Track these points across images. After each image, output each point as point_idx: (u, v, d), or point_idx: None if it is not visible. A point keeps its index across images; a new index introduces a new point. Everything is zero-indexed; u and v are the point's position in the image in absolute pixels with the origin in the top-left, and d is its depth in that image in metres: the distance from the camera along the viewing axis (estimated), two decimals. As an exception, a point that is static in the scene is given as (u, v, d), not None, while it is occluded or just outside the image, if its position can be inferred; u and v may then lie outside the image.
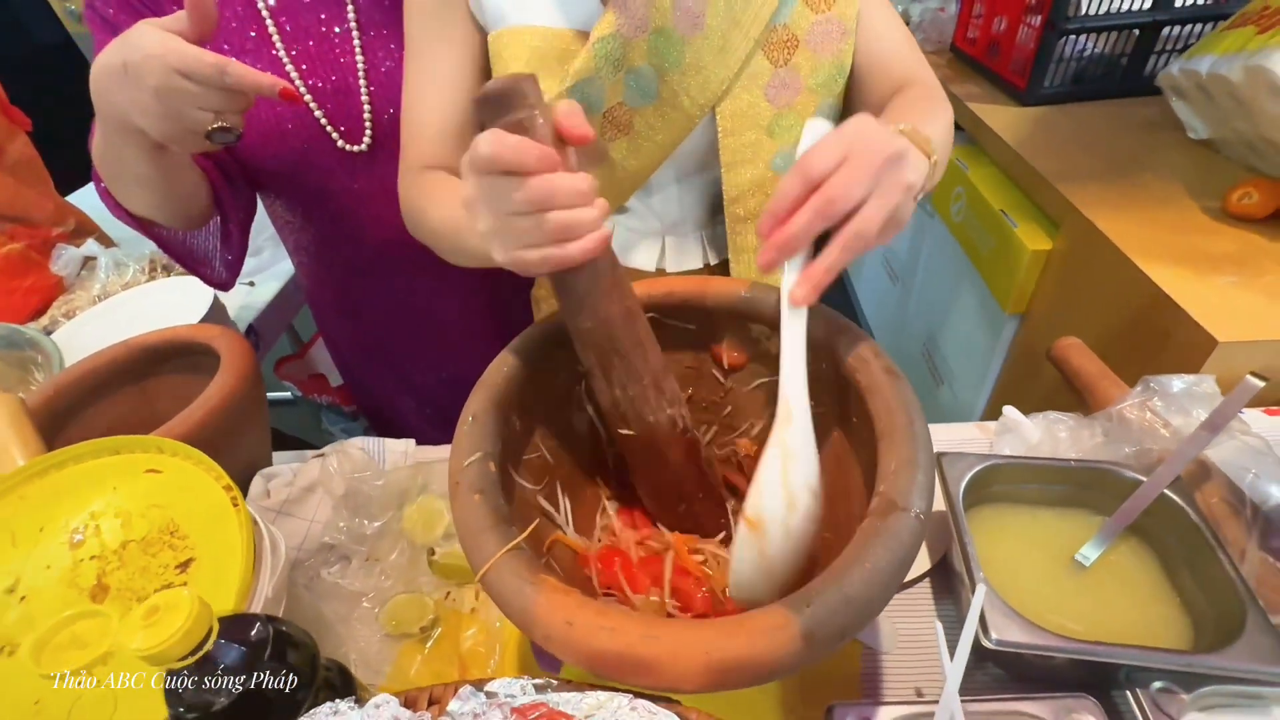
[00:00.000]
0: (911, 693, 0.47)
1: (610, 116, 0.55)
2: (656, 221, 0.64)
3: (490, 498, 0.33)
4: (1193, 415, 0.55)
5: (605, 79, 0.52)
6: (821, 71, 0.55)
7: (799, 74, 0.55)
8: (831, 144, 0.37)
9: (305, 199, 0.72)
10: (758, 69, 0.54)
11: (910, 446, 0.32)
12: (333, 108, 0.65)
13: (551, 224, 0.33)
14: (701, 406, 0.50)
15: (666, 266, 0.66)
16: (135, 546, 0.41)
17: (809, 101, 0.56)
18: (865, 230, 0.36)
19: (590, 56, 0.51)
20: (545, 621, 0.28)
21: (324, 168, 0.68)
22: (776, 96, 0.55)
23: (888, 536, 0.28)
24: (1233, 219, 0.80)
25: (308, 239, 0.78)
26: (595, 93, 0.53)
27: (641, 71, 0.53)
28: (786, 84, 0.55)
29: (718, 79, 0.53)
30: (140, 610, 0.28)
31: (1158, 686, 0.41)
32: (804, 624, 0.26)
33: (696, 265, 0.66)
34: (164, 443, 0.45)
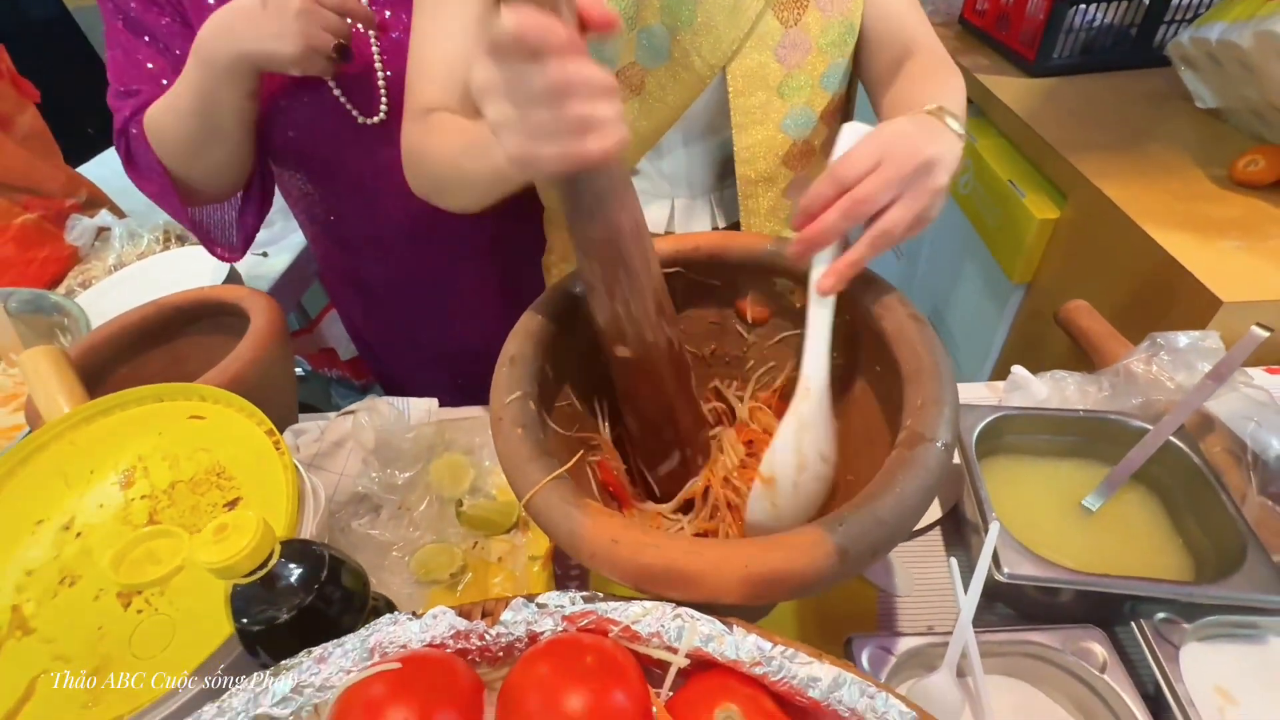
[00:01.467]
0: (924, 629, 0.49)
1: (623, 76, 0.56)
2: (666, 184, 0.65)
3: (532, 431, 0.35)
4: (1198, 369, 0.56)
5: (619, 36, 0.53)
6: (831, 31, 0.56)
7: (809, 34, 0.56)
8: (866, 150, 0.39)
9: (320, 171, 0.73)
10: (768, 29, 0.55)
11: (936, 384, 0.33)
12: (347, 80, 0.66)
13: (572, 115, 0.30)
14: (724, 361, 0.52)
15: (675, 229, 0.67)
16: (184, 486, 0.43)
17: (819, 61, 0.57)
18: (892, 230, 0.39)
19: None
20: (592, 540, 0.29)
21: (340, 140, 0.68)
22: (787, 57, 0.56)
23: (916, 464, 0.30)
24: (1238, 186, 0.81)
25: (322, 211, 0.78)
26: (609, 51, 0.54)
27: (654, 30, 0.53)
28: (796, 44, 0.56)
29: (729, 39, 0.54)
30: (210, 528, 0.30)
31: (1160, 617, 0.43)
32: (838, 540, 0.28)
33: (705, 228, 0.67)
34: (205, 390, 0.47)
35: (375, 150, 0.69)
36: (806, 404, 0.41)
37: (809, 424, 0.41)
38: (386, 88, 0.66)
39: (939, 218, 0.88)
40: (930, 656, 0.43)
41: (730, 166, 0.61)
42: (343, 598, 0.34)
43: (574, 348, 0.46)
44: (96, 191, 1.17)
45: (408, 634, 0.29)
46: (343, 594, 0.34)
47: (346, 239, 0.80)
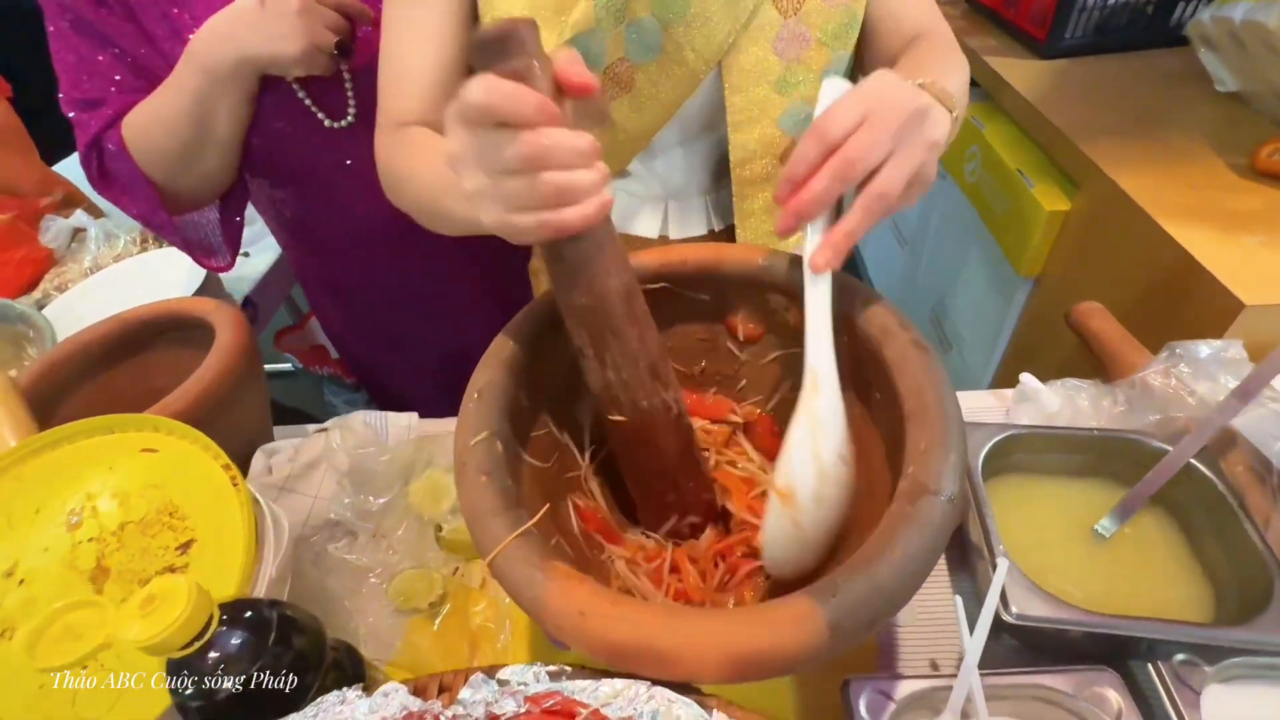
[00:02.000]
0: (926, 665, 0.47)
1: (611, 73, 0.52)
2: (659, 186, 0.62)
3: (498, 479, 0.32)
4: (1220, 382, 0.53)
5: (606, 31, 0.49)
6: (833, 22, 0.52)
7: (809, 25, 0.52)
8: (850, 103, 0.35)
9: (288, 177, 0.70)
10: (765, 20, 0.51)
11: (941, 426, 0.30)
12: (312, 83, 0.62)
13: (548, 185, 0.29)
14: (715, 380, 0.49)
15: (670, 234, 0.64)
16: (134, 528, 0.40)
17: (819, 55, 0.53)
18: (888, 190, 0.35)
19: (590, 6, 0.47)
20: (557, 611, 0.27)
21: (307, 145, 0.66)
22: (785, 50, 0.52)
23: (918, 522, 0.27)
24: (1261, 176, 0.77)
25: (292, 217, 0.76)
26: (596, 46, 0.50)
27: (644, 23, 0.50)
28: (796, 36, 0.52)
29: (724, 31, 0.50)
30: (136, 599, 0.27)
31: (1180, 659, 0.40)
32: (830, 615, 0.25)
33: (700, 232, 0.63)
34: (160, 421, 0.44)
35: (345, 154, 0.66)
36: (818, 398, 0.36)
37: (823, 421, 0.36)
38: (354, 89, 0.63)
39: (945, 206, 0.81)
40: (934, 700, 0.40)
41: (726, 166, 0.57)
42: (295, 660, 0.32)
43: (554, 371, 0.43)
44: (73, 190, 1.14)
45: (356, 715, 0.27)
46: (295, 656, 0.32)
47: (320, 245, 0.77)
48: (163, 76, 0.59)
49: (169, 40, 0.60)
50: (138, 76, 0.61)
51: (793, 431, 0.36)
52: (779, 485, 0.36)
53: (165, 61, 0.60)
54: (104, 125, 0.60)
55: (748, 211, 0.59)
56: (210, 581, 0.39)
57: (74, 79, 0.60)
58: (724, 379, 0.49)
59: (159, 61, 0.61)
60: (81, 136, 0.61)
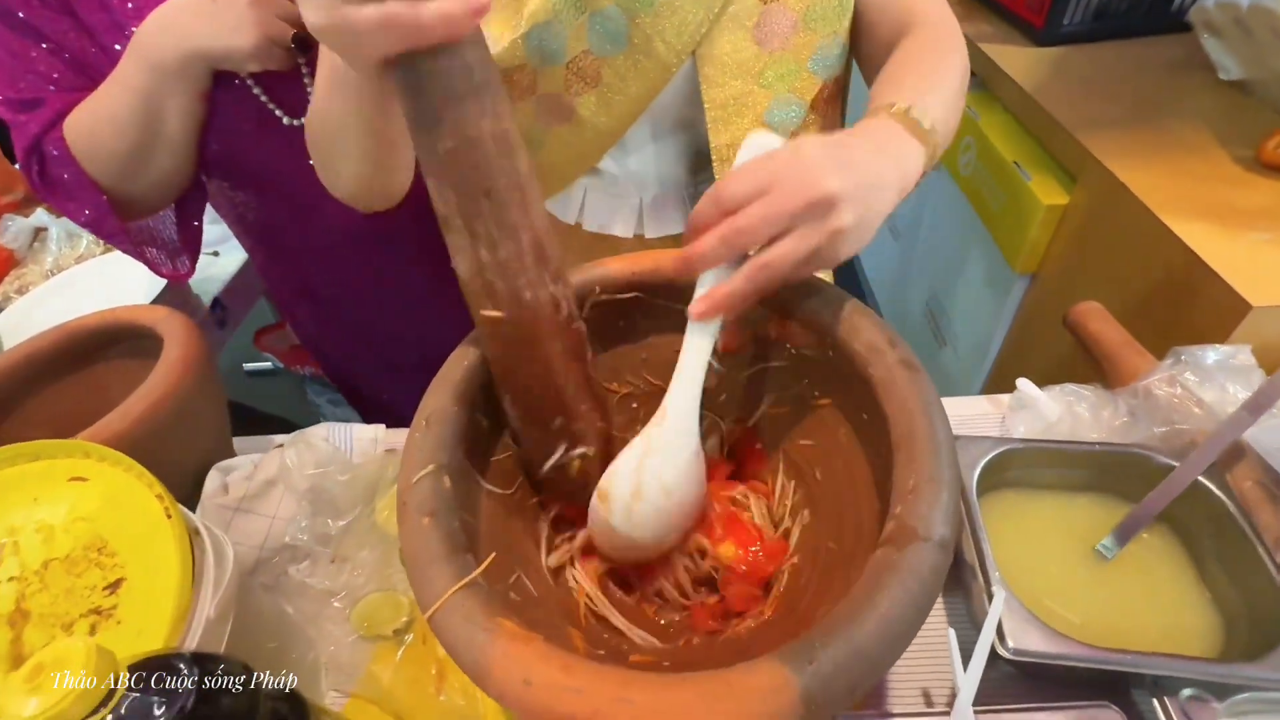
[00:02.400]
0: (918, 695, 0.44)
1: (575, 67, 0.48)
2: (633, 184, 0.58)
3: (443, 521, 0.29)
4: (1228, 391, 0.50)
5: (566, 22, 0.46)
6: (820, 4, 0.48)
7: (792, 9, 0.48)
8: (754, 171, 0.33)
9: (249, 179, 0.67)
10: (743, 6, 0.47)
11: (933, 460, 0.27)
12: (269, 79, 0.58)
13: None
14: (691, 394, 0.46)
15: (645, 233, 0.60)
16: (59, 565, 0.37)
17: (806, 42, 0.49)
18: (775, 264, 0.33)
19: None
20: (500, 678, 0.24)
21: (266, 145, 0.62)
22: (767, 38, 0.48)
23: (905, 573, 0.24)
24: (1267, 169, 0.74)
25: (255, 221, 0.72)
26: (555, 40, 0.47)
27: (607, 13, 0.46)
28: (778, 21, 0.48)
29: (696, 19, 0.46)
30: (23, 671, 0.24)
31: (1188, 694, 0.38)
32: (805, 684, 0.22)
33: (679, 230, 0.60)
34: (90, 447, 0.41)
35: (306, 152, 0.62)
36: (658, 429, 0.37)
37: (656, 450, 0.37)
38: (313, 85, 0.59)
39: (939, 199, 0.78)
40: (924, 740, 0.38)
41: (706, 159, 0.53)
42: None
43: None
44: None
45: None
46: (222, 717, 0.29)
47: (286, 249, 0.73)
48: (105, 73, 0.55)
49: (109, 32, 0.55)
50: (78, 73, 0.57)
51: (626, 448, 0.37)
52: (600, 484, 0.37)
53: (106, 56, 0.56)
54: (44, 127, 0.56)
55: None
56: (140, 625, 0.36)
57: (7, 77, 0.56)
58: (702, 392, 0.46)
59: (99, 56, 0.57)
60: (19, 140, 0.56)
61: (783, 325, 0.40)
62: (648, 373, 0.45)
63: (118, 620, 0.35)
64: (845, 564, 0.33)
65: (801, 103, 0.52)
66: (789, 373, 0.42)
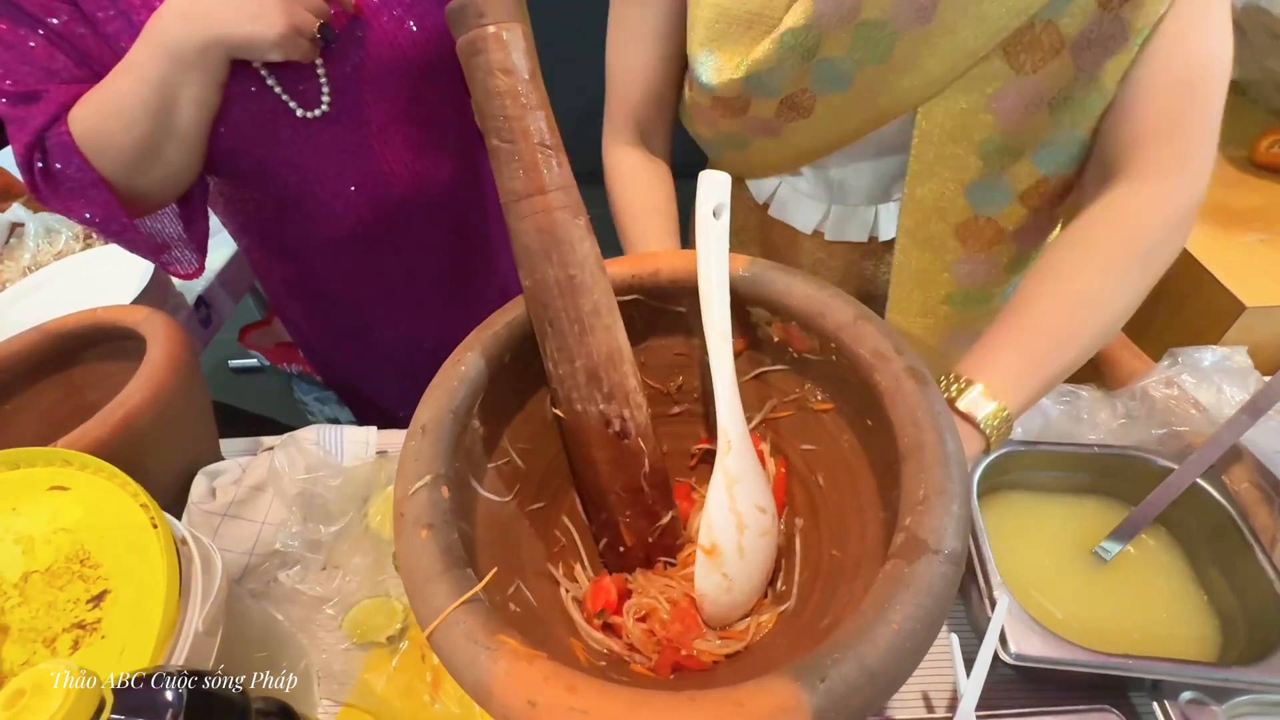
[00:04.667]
0: (918, 699, 0.44)
1: (790, 101, 0.47)
2: (825, 190, 0.58)
3: (441, 534, 0.28)
4: (1224, 393, 0.51)
5: (790, 69, 0.44)
6: (1076, 91, 0.41)
7: (1048, 86, 0.41)
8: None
9: (254, 172, 0.64)
10: (990, 72, 0.42)
11: (943, 471, 0.26)
12: (284, 70, 0.56)
13: None
14: (693, 397, 0.45)
15: (826, 234, 0.60)
16: (39, 578, 0.36)
17: (1041, 127, 0.43)
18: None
19: (775, 47, 0.43)
20: (504, 699, 0.23)
21: (277, 138, 0.60)
22: (1003, 110, 0.43)
23: (916, 588, 0.24)
24: (1260, 170, 0.74)
25: (255, 215, 0.70)
26: (775, 82, 0.46)
27: (835, 61, 0.44)
28: (1024, 95, 0.42)
29: (933, 79, 0.43)
30: (2, 696, 0.23)
31: (1187, 697, 0.38)
32: (816, 704, 0.21)
33: (859, 239, 0.59)
34: (71, 455, 0.39)
35: (316, 146, 0.61)
36: (731, 458, 0.37)
37: (738, 477, 0.37)
38: (328, 76, 0.57)
39: None
40: (927, 746, 0.38)
41: (901, 183, 0.51)
42: (211, 743, 0.28)
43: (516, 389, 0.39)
44: (12, 181, 1.06)
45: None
46: (210, 738, 0.28)
47: (285, 244, 0.71)
48: (108, 64, 0.53)
49: (113, 20, 0.53)
50: (79, 65, 0.54)
51: (711, 491, 0.36)
52: (703, 543, 0.36)
53: (109, 46, 0.54)
54: (47, 120, 0.53)
55: (902, 267, 0.55)
56: (125, 639, 0.35)
57: (3, 69, 0.53)
58: (702, 396, 0.45)
59: (101, 46, 0.54)
60: (19, 136, 0.53)
61: (785, 329, 0.39)
62: (647, 375, 0.45)
63: (102, 635, 0.34)
64: (850, 573, 0.33)
65: (1011, 190, 0.48)
66: (791, 377, 0.41)
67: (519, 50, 0.29)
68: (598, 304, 0.34)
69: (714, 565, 0.36)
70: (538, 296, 0.35)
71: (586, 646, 0.35)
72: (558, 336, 0.35)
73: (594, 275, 0.34)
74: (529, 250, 0.33)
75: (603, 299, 0.35)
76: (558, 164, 0.33)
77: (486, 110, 0.31)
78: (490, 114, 0.31)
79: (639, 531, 0.39)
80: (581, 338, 0.34)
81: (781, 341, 0.40)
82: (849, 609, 0.27)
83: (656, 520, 0.39)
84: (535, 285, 0.34)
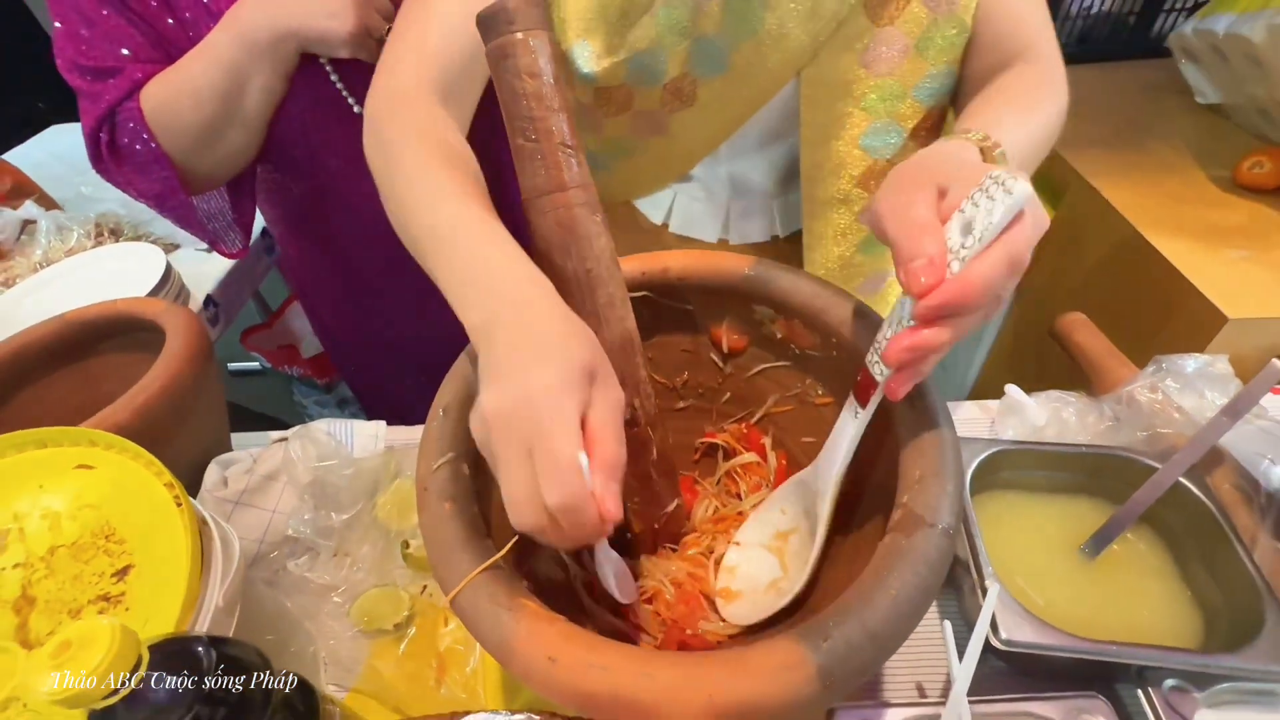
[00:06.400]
0: (913, 688, 0.45)
1: (673, 88, 0.48)
2: (723, 191, 0.59)
3: (463, 506, 0.30)
4: (1206, 398, 0.53)
5: (669, 48, 0.46)
6: (936, 31, 0.46)
7: (906, 34, 0.46)
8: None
9: (305, 163, 0.66)
10: (855, 29, 0.45)
11: (937, 453, 0.28)
12: (346, 66, 0.59)
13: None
14: (698, 393, 0.47)
15: (730, 238, 0.61)
16: (65, 552, 0.37)
17: (915, 68, 0.47)
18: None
19: (653, 25, 0.44)
20: (525, 656, 0.24)
21: (331, 131, 0.62)
22: (874, 61, 0.47)
23: (914, 557, 0.25)
24: (1243, 190, 0.77)
25: (298, 205, 0.72)
26: (656, 64, 0.47)
27: (711, 40, 0.46)
28: (890, 45, 0.46)
29: (800, 46, 0.45)
30: (49, 646, 0.24)
31: (1170, 685, 0.39)
32: (820, 662, 0.23)
33: (763, 238, 0.60)
34: (97, 435, 0.41)
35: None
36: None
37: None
38: None
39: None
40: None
41: (796, 171, 0.53)
42: (236, 705, 0.29)
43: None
44: (24, 179, 1.08)
45: (299, 774, 0.24)
46: (235, 700, 0.29)
47: (325, 232, 0.73)
48: (182, 48, 0.56)
49: (193, 7, 0.56)
50: (155, 46, 0.57)
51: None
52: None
53: (184, 31, 0.57)
54: (121, 95, 0.56)
55: (818, 234, 0.55)
56: (148, 612, 0.36)
57: (81, 44, 0.55)
58: (707, 391, 0.47)
59: (178, 31, 0.57)
60: (90, 109, 0.56)
61: (789, 325, 0.41)
62: (654, 371, 0.46)
63: (126, 607, 0.35)
64: (849, 555, 0.34)
65: (901, 129, 0.51)
66: (793, 373, 0.43)
67: (545, 56, 0.31)
68: (612, 296, 0.36)
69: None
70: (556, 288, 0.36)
71: (596, 627, 0.36)
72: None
73: (609, 269, 0.36)
74: (548, 243, 0.35)
75: (617, 292, 0.36)
76: (577, 164, 0.35)
77: (513, 111, 0.33)
78: (516, 114, 0.33)
79: (646, 518, 0.41)
80: (597, 328, 0.36)
81: (784, 338, 0.42)
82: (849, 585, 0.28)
83: (663, 507, 0.41)
84: (553, 277, 0.36)
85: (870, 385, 0.31)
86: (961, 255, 0.26)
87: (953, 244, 0.26)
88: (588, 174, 0.36)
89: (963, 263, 0.26)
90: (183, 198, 0.59)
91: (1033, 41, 0.47)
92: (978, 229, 0.26)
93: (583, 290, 0.36)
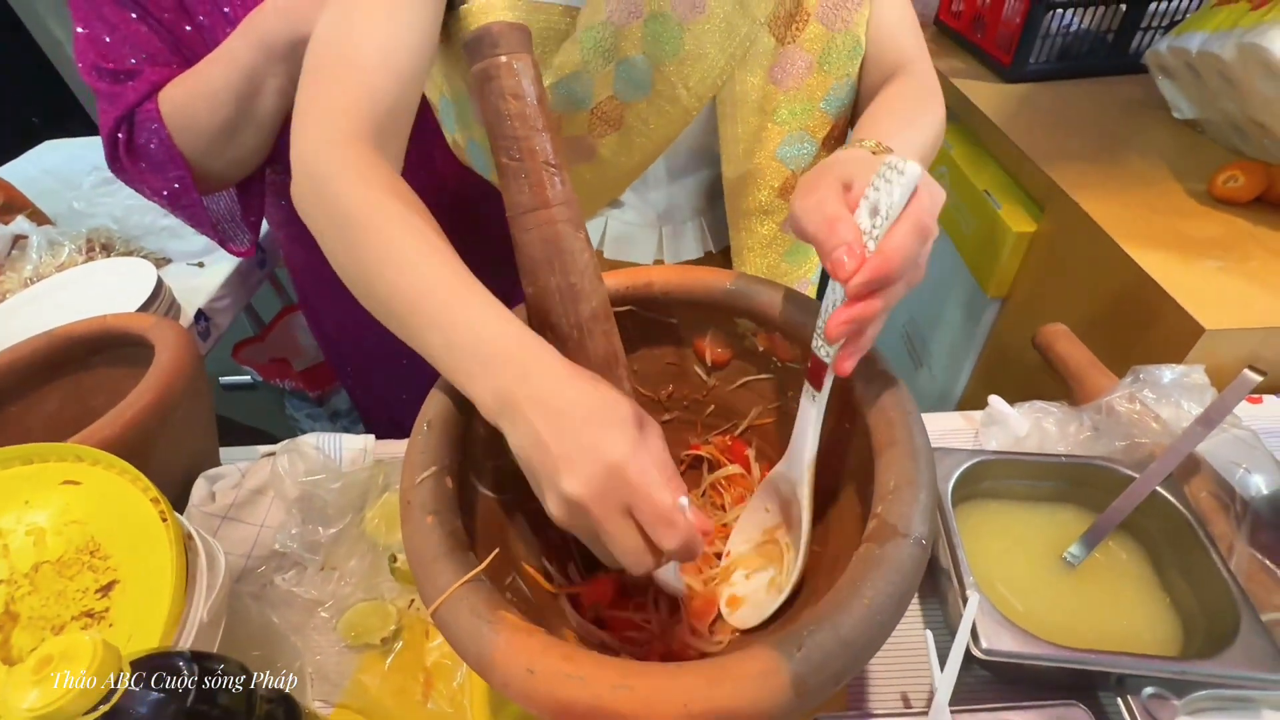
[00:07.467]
0: (897, 698, 0.46)
1: (599, 112, 0.50)
2: (653, 213, 0.60)
3: (446, 520, 0.30)
4: (1183, 408, 0.54)
5: (594, 71, 0.47)
6: (836, 47, 0.50)
7: (808, 51, 0.49)
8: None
9: None
10: (762, 49, 0.49)
11: (911, 463, 0.29)
12: None
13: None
14: (682, 405, 0.47)
15: (665, 258, 0.62)
16: (49, 568, 0.37)
17: (820, 83, 0.51)
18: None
19: (578, 48, 0.46)
20: (504, 668, 0.25)
21: None
22: (782, 78, 0.50)
23: (887, 567, 0.26)
24: (1218, 202, 0.79)
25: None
26: (582, 88, 0.48)
27: (634, 62, 0.48)
28: (794, 63, 0.49)
29: (718, 66, 0.48)
30: (30, 661, 0.24)
31: (1149, 693, 0.40)
32: (794, 669, 0.23)
33: (696, 255, 0.62)
34: (83, 450, 0.41)
35: None
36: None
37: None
38: None
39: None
40: (904, 740, 0.39)
41: (721, 189, 0.55)
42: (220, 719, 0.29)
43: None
44: (16, 194, 1.08)
45: (279, 788, 0.24)
46: (220, 716, 0.29)
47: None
48: (199, 52, 0.57)
49: (211, 14, 0.58)
50: (173, 50, 0.59)
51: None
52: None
53: (201, 36, 0.59)
54: (139, 98, 0.57)
55: (743, 244, 0.57)
56: (132, 627, 0.36)
57: (103, 49, 0.57)
58: (691, 404, 0.48)
59: (194, 36, 0.59)
60: (110, 109, 0.57)
61: (770, 339, 0.42)
62: (638, 383, 0.47)
63: (110, 623, 0.35)
64: (829, 566, 0.35)
65: (814, 140, 0.54)
66: (775, 385, 0.43)
67: (528, 78, 0.32)
68: (596, 310, 0.37)
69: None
70: (540, 303, 0.37)
71: (579, 638, 0.37)
72: (558, 340, 0.37)
73: (593, 283, 0.37)
74: (533, 259, 0.36)
75: (600, 306, 0.37)
76: (560, 181, 0.36)
77: (497, 130, 0.34)
78: (501, 134, 0.34)
79: None
80: (581, 341, 0.36)
81: (766, 351, 0.43)
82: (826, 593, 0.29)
83: None
84: (538, 292, 0.36)
85: (820, 368, 0.34)
86: (874, 235, 0.29)
87: (864, 226, 0.30)
88: (571, 191, 0.36)
89: (876, 241, 0.29)
90: (194, 197, 0.61)
91: (912, 57, 0.51)
92: (883, 209, 0.29)
93: (566, 305, 0.36)
